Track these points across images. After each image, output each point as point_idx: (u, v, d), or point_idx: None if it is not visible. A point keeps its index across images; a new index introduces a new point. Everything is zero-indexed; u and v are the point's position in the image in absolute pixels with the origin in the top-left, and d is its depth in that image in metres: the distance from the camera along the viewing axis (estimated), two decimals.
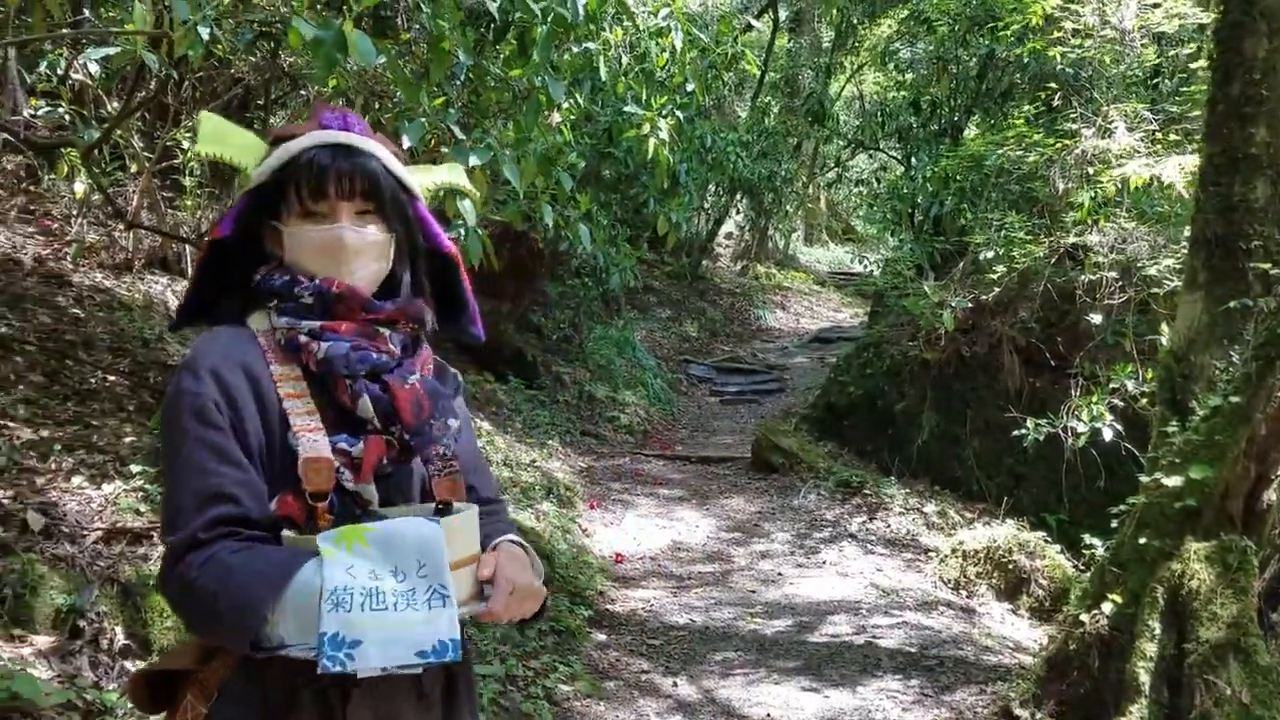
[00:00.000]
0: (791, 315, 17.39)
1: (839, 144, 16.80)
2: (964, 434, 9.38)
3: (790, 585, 6.18)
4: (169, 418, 1.44)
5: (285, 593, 1.31)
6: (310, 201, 1.54)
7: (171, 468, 1.42)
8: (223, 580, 1.33)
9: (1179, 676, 3.50)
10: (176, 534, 1.37)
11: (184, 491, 1.39)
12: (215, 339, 1.51)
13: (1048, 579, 6.38)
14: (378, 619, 1.28)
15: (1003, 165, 9.21)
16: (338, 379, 1.49)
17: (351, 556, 1.31)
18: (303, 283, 1.53)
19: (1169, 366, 4.31)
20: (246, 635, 1.32)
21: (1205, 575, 3.51)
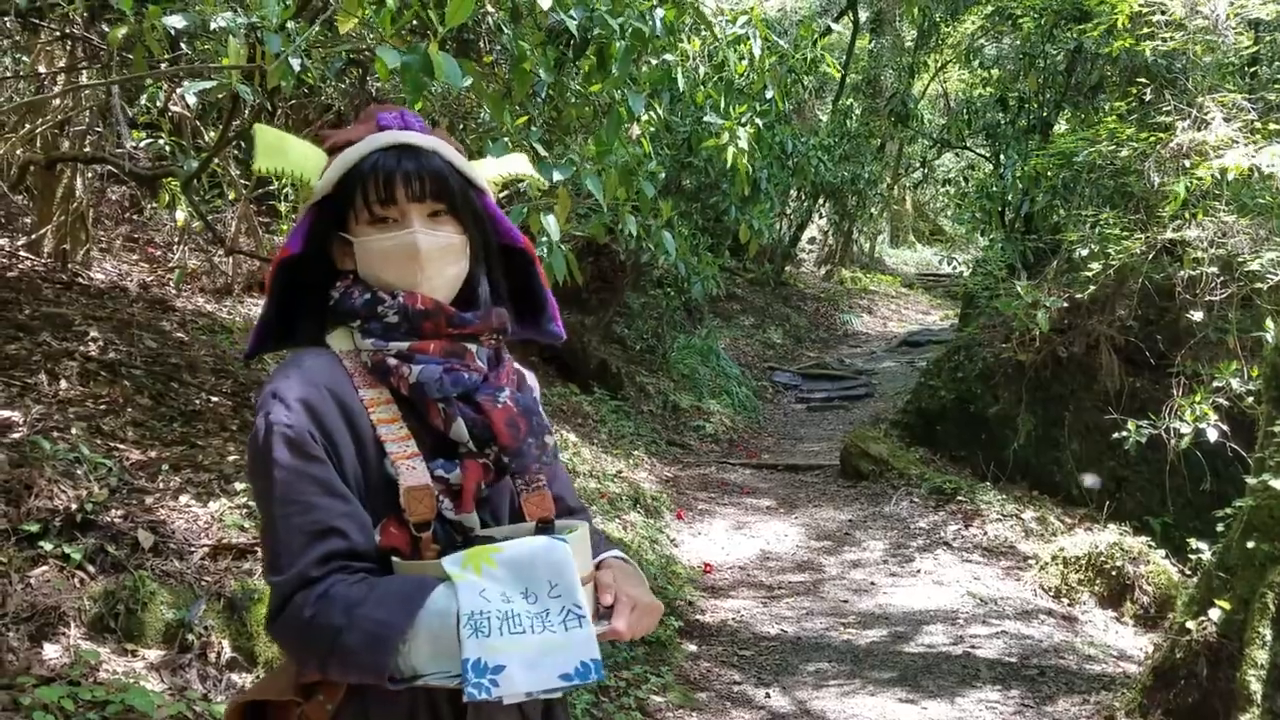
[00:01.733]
0: (878, 319, 17.18)
1: (924, 144, 16.57)
2: (1062, 437, 9.17)
3: (884, 595, 6.10)
4: (260, 452, 1.36)
5: (418, 620, 1.27)
6: (378, 207, 1.45)
7: (271, 503, 1.35)
8: (348, 613, 1.28)
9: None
10: (284, 573, 1.32)
11: (288, 529, 1.33)
12: (299, 364, 1.43)
13: (1153, 585, 6.18)
14: (518, 642, 1.24)
15: (1094, 161, 8.97)
16: (430, 403, 1.44)
17: (482, 580, 1.27)
18: (385, 300, 1.46)
19: (1275, 363, 4.16)
20: (380, 668, 1.27)
21: None
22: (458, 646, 1.24)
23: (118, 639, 3.22)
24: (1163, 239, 7.87)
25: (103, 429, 4.22)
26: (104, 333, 5.22)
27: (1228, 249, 7.69)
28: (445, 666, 1.26)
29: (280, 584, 1.32)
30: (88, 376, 4.67)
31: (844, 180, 14.63)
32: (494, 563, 1.28)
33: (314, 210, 1.50)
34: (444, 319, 1.47)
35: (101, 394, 4.54)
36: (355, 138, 1.48)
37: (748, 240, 8.38)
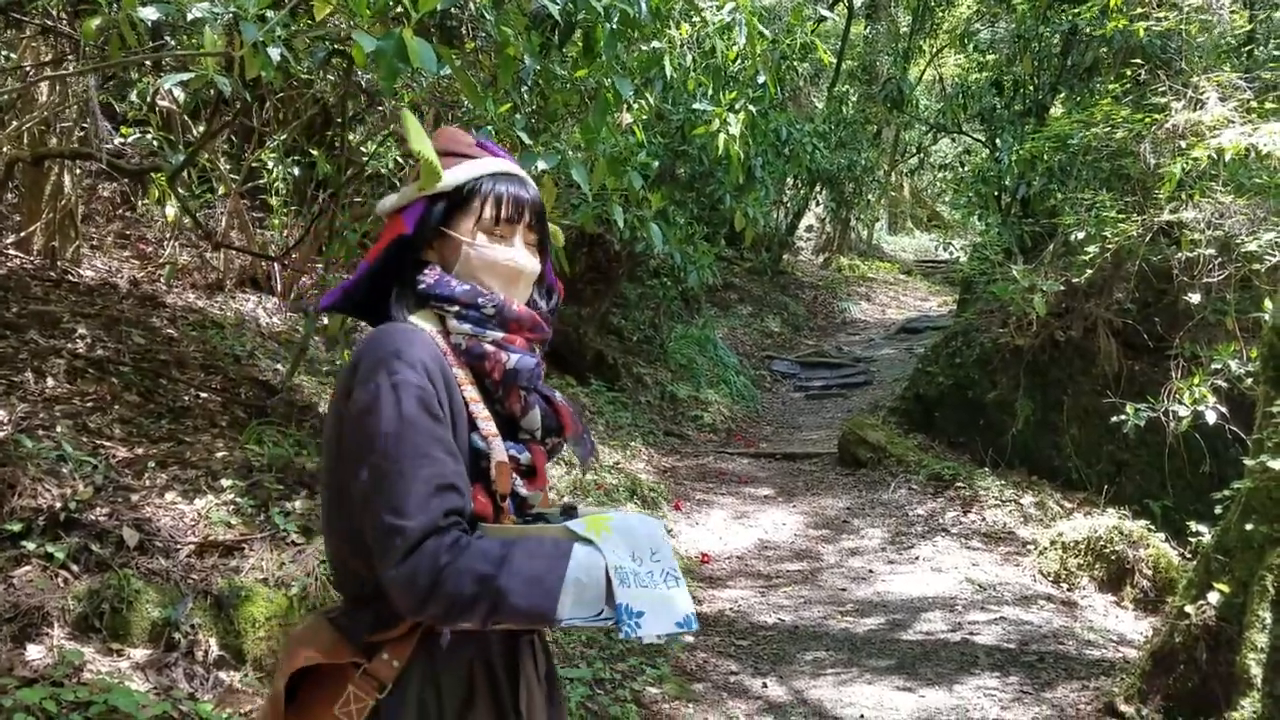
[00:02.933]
0: (877, 306, 17.13)
1: (920, 129, 16.49)
2: (1061, 421, 9.13)
3: (882, 582, 6.07)
4: (386, 406, 1.44)
5: (567, 571, 1.41)
6: (501, 223, 1.63)
7: (400, 454, 1.42)
8: (498, 563, 1.39)
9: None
10: (413, 519, 1.39)
11: (416, 479, 1.41)
12: (410, 335, 1.53)
13: (1153, 569, 6.15)
14: (647, 594, 1.43)
15: (1090, 143, 8.91)
16: (514, 389, 1.58)
17: (605, 543, 1.44)
18: (484, 294, 1.60)
19: (1272, 343, 4.11)
20: (548, 610, 1.40)
21: None
22: (602, 595, 1.41)
23: (102, 639, 3.18)
24: (1160, 221, 7.81)
25: (89, 426, 4.18)
26: (92, 330, 5.17)
27: (1225, 230, 7.64)
28: (585, 612, 1.42)
29: (410, 529, 1.39)
30: (75, 374, 4.63)
31: (840, 167, 14.56)
32: (610, 529, 1.46)
33: (425, 201, 1.63)
34: (529, 324, 1.64)
35: (89, 391, 4.50)
36: (461, 150, 1.67)
37: (744, 229, 8.32)
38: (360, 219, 5.83)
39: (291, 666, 1.51)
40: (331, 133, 7.62)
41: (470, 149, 1.68)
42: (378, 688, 1.47)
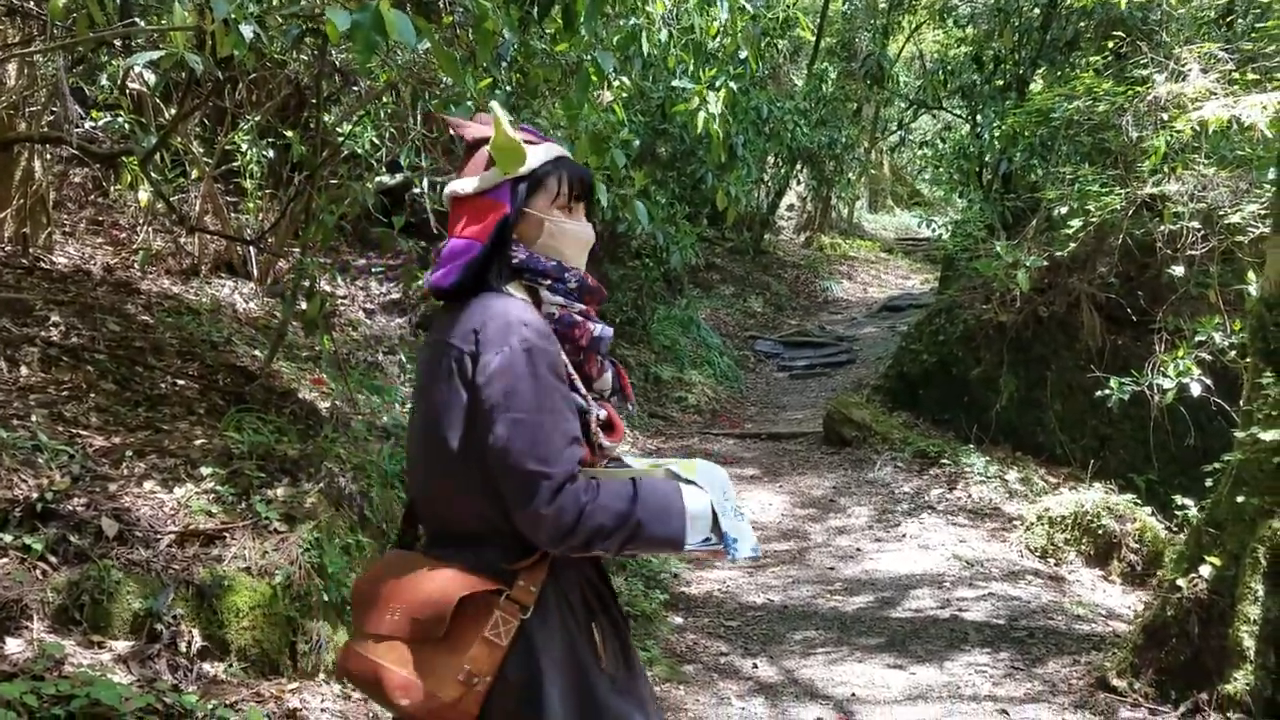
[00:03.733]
0: (859, 285, 17.12)
1: (900, 106, 16.44)
2: (1044, 397, 9.14)
3: (870, 560, 6.05)
4: (520, 367, 1.66)
5: (686, 505, 1.71)
6: (576, 201, 1.85)
7: (537, 411, 1.64)
8: (632, 500, 1.66)
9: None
10: (555, 466, 1.62)
11: (554, 432, 1.64)
12: (523, 306, 1.74)
13: (1140, 543, 6.16)
14: (734, 526, 1.74)
15: (1072, 117, 8.88)
16: (593, 355, 1.81)
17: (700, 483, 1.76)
18: (569, 269, 1.81)
19: (1260, 315, 4.09)
20: (679, 536, 1.69)
21: None
22: (709, 525, 1.72)
23: (83, 631, 3.11)
24: (1143, 194, 7.80)
25: (64, 415, 4.10)
26: (66, 317, 5.07)
27: (1208, 202, 7.63)
28: (698, 538, 1.71)
29: (555, 475, 1.62)
30: (49, 362, 4.53)
31: (821, 145, 14.50)
32: (696, 472, 1.78)
33: (510, 183, 1.79)
34: (599, 295, 1.88)
35: (64, 380, 4.41)
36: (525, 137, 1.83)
37: (725, 208, 8.27)
38: (337, 201, 5.74)
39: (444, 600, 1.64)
40: (306, 114, 7.51)
41: (530, 135, 1.86)
42: (521, 610, 1.66)
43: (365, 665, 1.71)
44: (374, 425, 5.70)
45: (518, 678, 1.65)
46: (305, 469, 4.21)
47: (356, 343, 7.59)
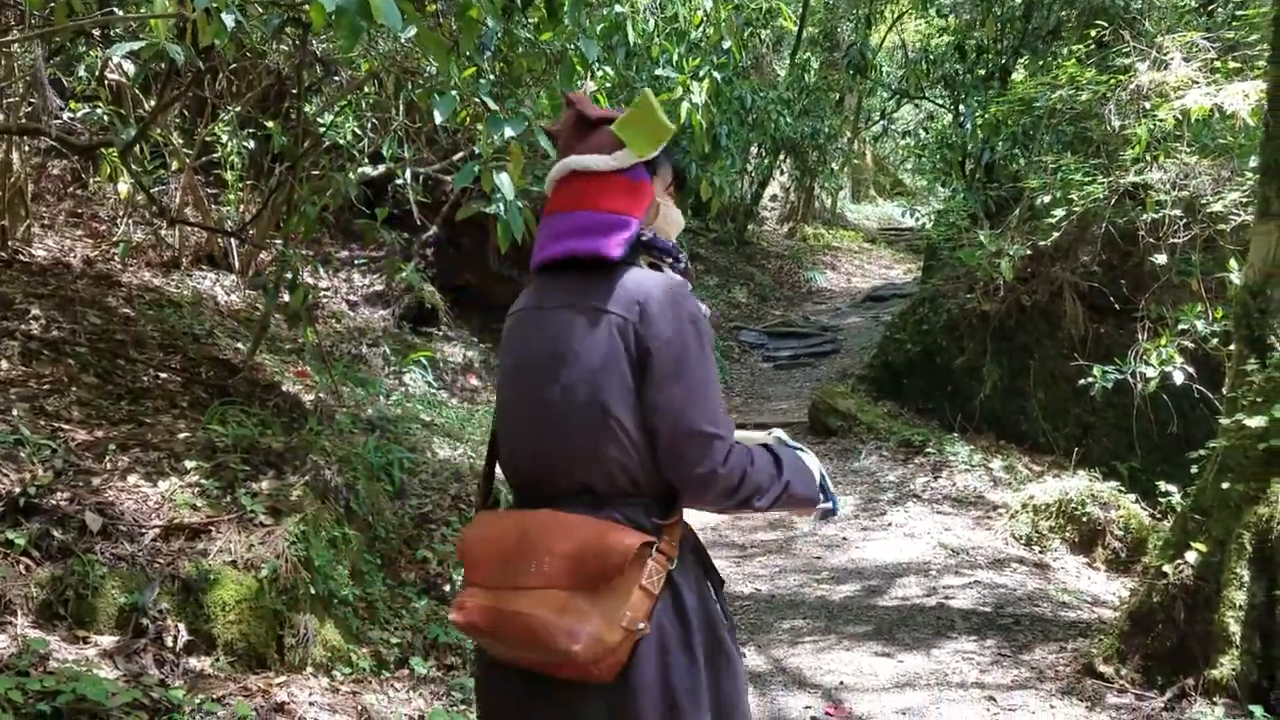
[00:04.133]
0: (842, 275, 17.14)
1: (883, 95, 16.45)
2: (1028, 386, 9.17)
3: (856, 549, 6.07)
4: (692, 339, 1.81)
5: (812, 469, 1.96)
6: (677, 189, 2.06)
7: (705, 380, 1.80)
8: (778, 465, 1.87)
9: (1271, 625, 3.34)
10: (725, 430, 1.79)
11: (717, 400, 1.81)
12: (680, 282, 1.88)
13: (1124, 530, 6.19)
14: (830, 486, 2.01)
15: (1055, 106, 8.90)
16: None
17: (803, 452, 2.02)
18: (678, 249, 1.98)
19: (1244, 302, 4.11)
20: (815, 497, 1.93)
21: None
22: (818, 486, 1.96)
23: (68, 626, 3.08)
24: (1126, 183, 7.82)
25: (46, 409, 4.06)
26: (46, 311, 5.02)
27: (1190, 190, 7.66)
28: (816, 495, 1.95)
29: (726, 438, 1.79)
30: (30, 356, 4.48)
31: (804, 135, 14.49)
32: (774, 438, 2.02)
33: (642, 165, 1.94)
34: (690, 276, 2.00)
35: (45, 373, 4.37)
36: None
37: (709, 198, 8.26)
38: (319, 192, 5.69)
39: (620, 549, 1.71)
40: (287, 104, 7.46)
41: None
42: (667, 560, 1.76)
43: (512, 617, 1.73)
44: (358, 418, 5.68)
45: (669, 624, 1.75)
46: (290, 462, 4.19)
47: (340, 335, 7.55)
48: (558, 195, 1.95)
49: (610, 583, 1.71)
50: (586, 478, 1.80)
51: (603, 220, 1.87)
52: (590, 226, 1.87)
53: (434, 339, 8.05)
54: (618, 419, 1.78)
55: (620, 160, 1.91)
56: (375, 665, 3.69)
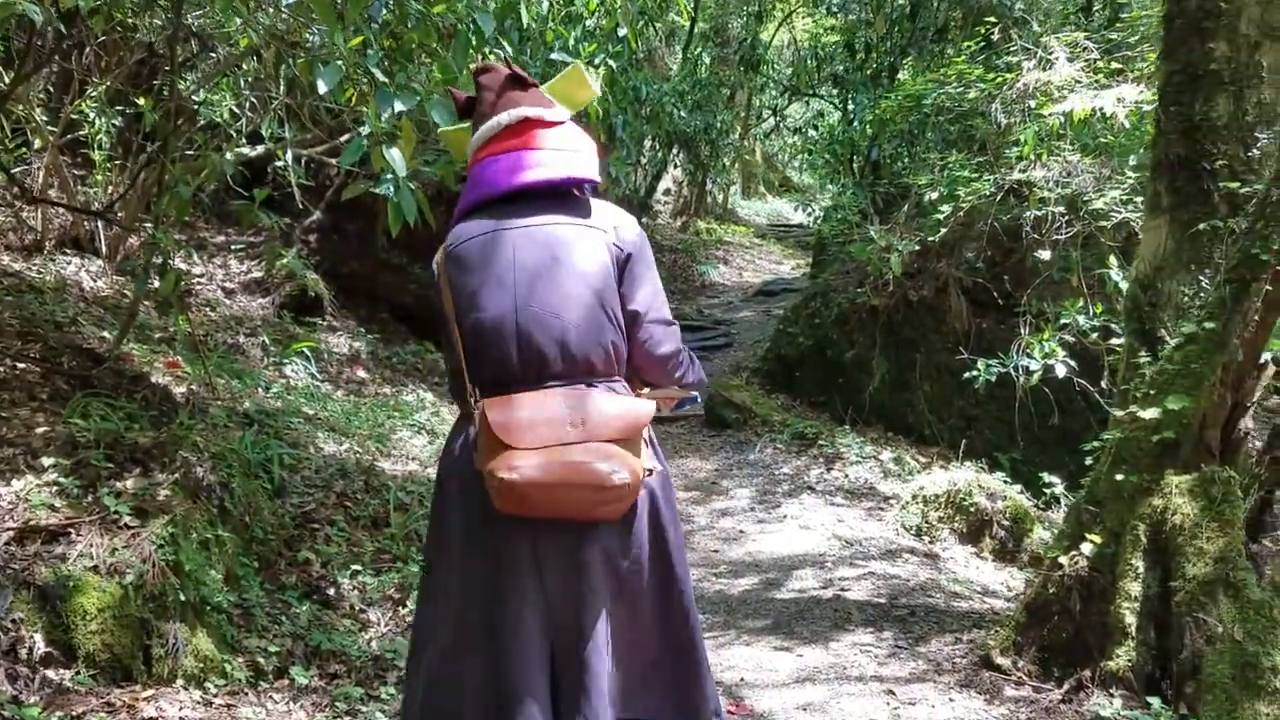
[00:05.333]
0: (734, 269, 17.23)
1: (774, 92, 16.56)
2: (914, 379, 9.31)
3: (753, 542, 6.03)
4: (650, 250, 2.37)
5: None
6: None
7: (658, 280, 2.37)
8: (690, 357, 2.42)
9: (1166, 616, 3.38)
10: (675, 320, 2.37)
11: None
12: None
13: (1010, 520, 6.30)
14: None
15: (942, 104, 9.04)
16: None
17: None
18: None
19: (1135, 296, 4.17)
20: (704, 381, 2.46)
21: (1189, 509, 3.38)
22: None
23: None
24: (1012, 180, 7.98)
25: None
26: None
27: (1072, 188, 7.86)
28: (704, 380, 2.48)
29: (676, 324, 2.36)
30: None
31: (697, 129, 14.49)
32: None
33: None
34: None
35: None
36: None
37: (605, 189, 8.12)
38: (193, 172, 5.38)
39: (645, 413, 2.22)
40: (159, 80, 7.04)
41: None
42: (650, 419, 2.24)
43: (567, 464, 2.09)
44: (235, 411, 5.38)
45: (660, 469, 2.32)
46: (158, 459, 3.91)
47: (215, 324, 7.18)
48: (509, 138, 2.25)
49: (635, 437, 2.19)
50: (590, 357, 2.22)
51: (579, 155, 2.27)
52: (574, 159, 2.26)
53: (318, 329, 7.74)
54: (611, 309, 2.24)
55: (564, 114, 2.32)
56: (252, 676, 3.46)
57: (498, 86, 2.29)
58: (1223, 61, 3.99)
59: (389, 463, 5.77)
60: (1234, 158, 3.96)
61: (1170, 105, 4.10)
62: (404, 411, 6.85)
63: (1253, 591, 3.18)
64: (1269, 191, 3.50)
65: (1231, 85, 3.98)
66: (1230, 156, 3.96)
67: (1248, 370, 3.57)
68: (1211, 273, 3.89)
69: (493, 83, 2.31)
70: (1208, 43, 4.01)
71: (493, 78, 2.32)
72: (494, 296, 2.21)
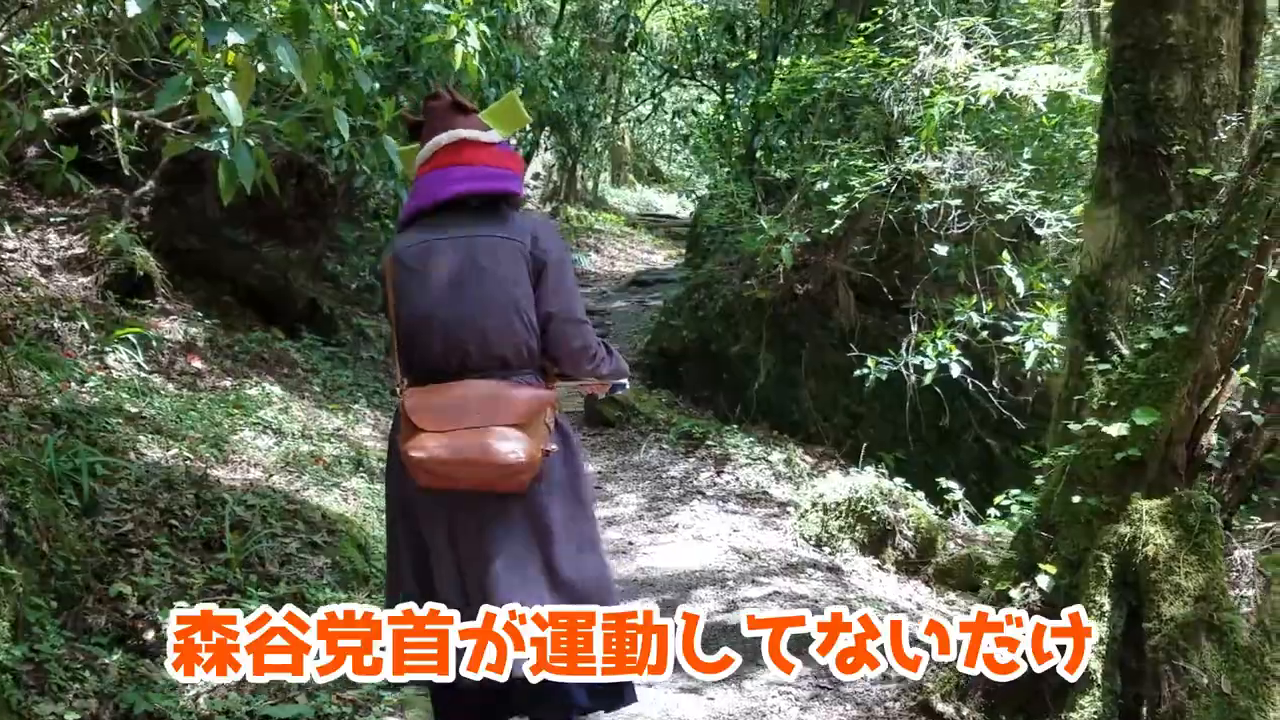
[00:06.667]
0: (606, 259, 16.70)
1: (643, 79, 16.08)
2: (800, 375, 8.97)
3: (644, 556, 5.48)
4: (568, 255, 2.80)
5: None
6: None
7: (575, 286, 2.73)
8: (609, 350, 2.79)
9: (1137, 662, 2.98)
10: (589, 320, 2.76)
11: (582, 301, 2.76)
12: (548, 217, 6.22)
13: (914, 530, 5.93)
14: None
15: (834, 89, 8.67)
16: None
17: None
18: None
19: (1080, 294, 3.78)
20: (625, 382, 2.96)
21: (1162, 539, 2.97)
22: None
23: None
24: (906, 171, 7.64)
25: None
26: None
27: (967, 181, 7.58)
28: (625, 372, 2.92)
29: (589, 324, 2.73)
30: None
31: (569, 111, 13.87)
32: None
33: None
34: None
35: None
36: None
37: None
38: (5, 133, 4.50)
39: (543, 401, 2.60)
40: None
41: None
42: (556, 406, 2.66)
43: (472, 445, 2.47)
44: (39, 410, 4.53)
45: (560, 447, 2.65)
46: None
47: (26, 306, 6.21)
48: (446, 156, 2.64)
49: (533, 422, 2.52)
50: (503, 353, 2.57)
51: (503, 172, 2.66)
52: (497, 175, 2.65)
53: (147, 313, 6.81)
54: (524, 312, 2.57)
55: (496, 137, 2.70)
56: None
57: (441, 111, 2.69)
58: (1181, 36, 3.62)
59: (226, 471, 4.99)
60: (1191, 143, 3.60)
61: (1123, 83, 3.71)
62: (247, 408, 6.03)
63: (1240, 636, 2.78)
64: (1244, 179, 3.12)
65: (1190, 63, 3.62)
66: (1188, 141, 3.59)
67: (1214, 379, 3.20)
68: (1168, 269, 3.52)
69: (438, 108, 2.70)
70: (1165, 14, 3.63)
71: (439, 104, 2.71)
72: (423, 298, 2.61)
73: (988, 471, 8.74)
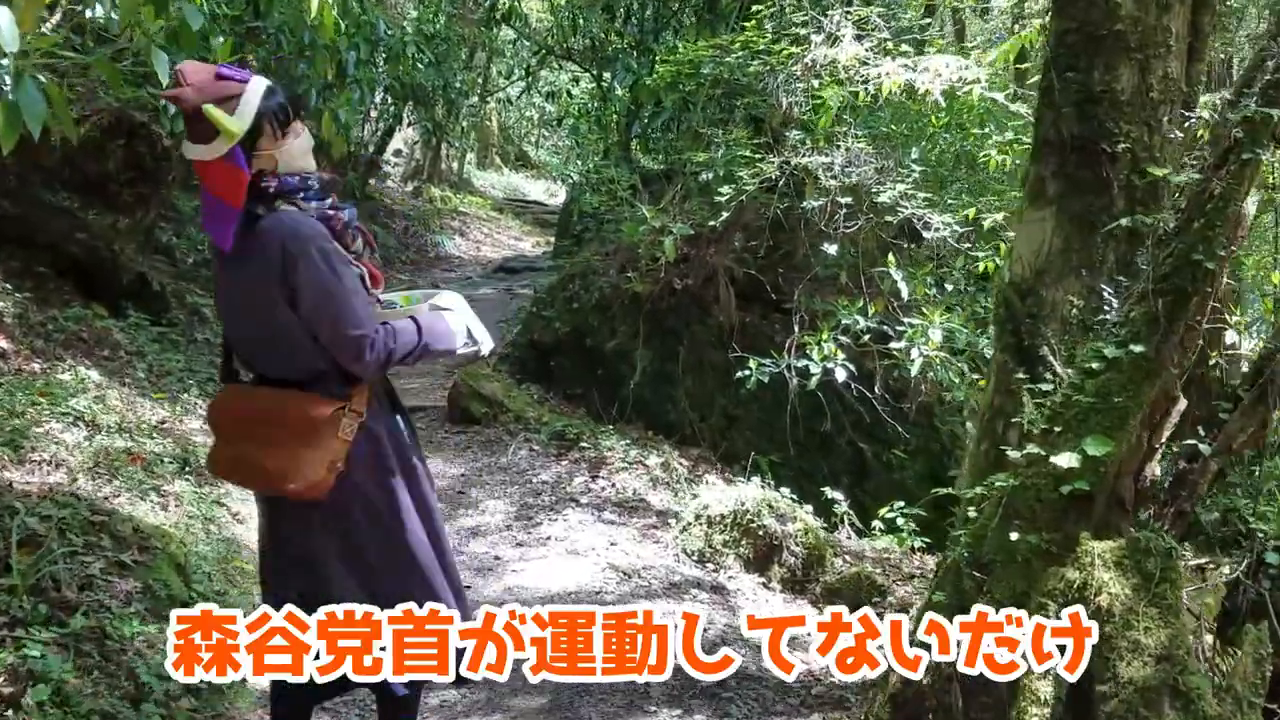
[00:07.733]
0: (472, 243, 16.02)
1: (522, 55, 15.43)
2: (677, 373, 8.59)
3: (513, 573, 4.96)
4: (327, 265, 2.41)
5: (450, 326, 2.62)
6: (288, 123, 2.48)
7: (345, 291, 2.41)
8: (419, 333, 2.52)
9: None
10: (369, 327, 2.41)
11: (359, 304, 2.43)
12: (301, 219, 2.45)
13: (800, 544, 5.58)
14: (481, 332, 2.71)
15: (720, 75, 8.29)
16: (346, 233, 2.54)
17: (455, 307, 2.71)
18: (309, 176, 2.50)
19: (1009, 302, 3.44)
20: (450, 347, 2.62)
21: (1117, 588, 2.63)
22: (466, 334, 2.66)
23: None
24: (795, 164, 7.32)
25: None
26: None
27: (855, 178, 7.32)
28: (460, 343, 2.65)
29: (369, 334, 2.41)
30: None
31: (436, 86, 13.14)
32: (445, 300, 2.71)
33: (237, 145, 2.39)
34: (335, 184, 2.67)
35: None
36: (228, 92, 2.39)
37: (331, 136, 6.78)
38: None
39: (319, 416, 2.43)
40: None
41: (231, 85, 2.40)
42: (358, 415, 2.48)
43: (248, 463, 2.48)
44: None
45: (364, 457, 2.50)
46: None
47: None
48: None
49: (316, 436, 2.43)
50: (288, 374, 2.52)
51: (218, 210, 2.45)
52: (214, 217, 2.47)
53: None
54: (295, 338, 2.46)
55: (216, 150, 2.38)
56: None
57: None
58: (1129, 22, 3.31)
59: (21, 473, 4.23)
60: (1138, 140, 3.29)
61: (1064, 71, 3.37)
62: (56, 396, 5.23)
63: (1209, 705, 2.46)
64: (1208, 181, 2.81)
65: (1138, 52, 3.31)
66: (1134, 139, 3.28)
67: (1173, 404, 2.88)
68: (1112, 278, 3.20)
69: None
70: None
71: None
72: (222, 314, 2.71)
73: (859, 476, 8.55)
